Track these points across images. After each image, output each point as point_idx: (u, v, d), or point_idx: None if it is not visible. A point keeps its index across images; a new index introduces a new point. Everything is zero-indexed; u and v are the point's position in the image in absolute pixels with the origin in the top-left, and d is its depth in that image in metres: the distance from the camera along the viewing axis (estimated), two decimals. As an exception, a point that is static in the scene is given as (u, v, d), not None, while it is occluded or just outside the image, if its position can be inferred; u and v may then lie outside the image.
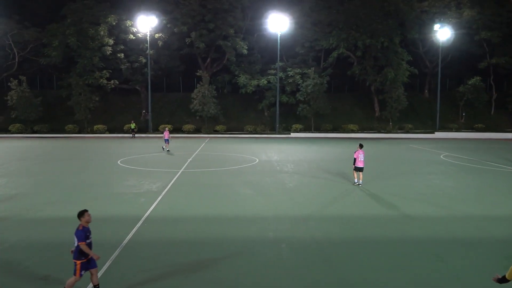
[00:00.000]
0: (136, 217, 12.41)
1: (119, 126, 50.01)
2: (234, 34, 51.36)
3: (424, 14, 52.97)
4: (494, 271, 8.65)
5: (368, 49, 51.69)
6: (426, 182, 18.74)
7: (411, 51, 54.35)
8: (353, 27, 51.83)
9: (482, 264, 9.03)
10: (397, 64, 50.58)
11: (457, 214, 13.22)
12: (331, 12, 52.85)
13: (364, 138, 46.08)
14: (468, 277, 8.44)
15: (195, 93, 49.48)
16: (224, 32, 50.36)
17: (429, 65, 57.24)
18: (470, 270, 8.79)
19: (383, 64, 51.62)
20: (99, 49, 48.73)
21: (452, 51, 54.29)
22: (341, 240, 10.65)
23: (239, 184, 17.89)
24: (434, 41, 52.56)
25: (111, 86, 50.74)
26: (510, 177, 20.32)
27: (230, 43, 50.79)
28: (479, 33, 51.46)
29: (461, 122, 53.60)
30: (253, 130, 49.76)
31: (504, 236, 10.99)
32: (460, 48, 53.84)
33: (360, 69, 52.73)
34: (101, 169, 22.36)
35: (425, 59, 57.11)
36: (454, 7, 52.76)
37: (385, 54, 51.21)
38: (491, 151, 32.66)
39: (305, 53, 54.52)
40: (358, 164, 17.28)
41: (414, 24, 52.34)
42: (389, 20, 50.80)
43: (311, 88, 49.02)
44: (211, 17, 50.04)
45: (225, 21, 50.33)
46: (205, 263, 9.02)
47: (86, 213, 7.44)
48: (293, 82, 51.21)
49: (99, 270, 8.50)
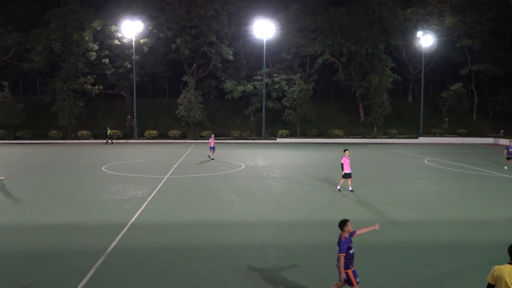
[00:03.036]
0: (121, 224, 12.28)
1: (104, 132, 49.50)
2: (220, 40, 51.42)
3: (408, 22, 53.83)
4: (477, 275, 8.79)
5: (353, 56, 52.27)
6: (410, 187, 18.95)
7: (395, 58, 55.14)
8: (338, 33, 52.37)
9: (466, 268, 9.16)
10: (381, 70, 51.24)
11: (441, 218, 13.39)
12: (316, 18, 53.35)
13: (349, 143, 46.44)
14: (453, 281, 8.54)
15: (181, 98, 49.30)
16: (209, 39, 50.38)
17: (412, 72, 58.10)
18: (454, 274, 8.90)
19: (367, 71, 52.22)
20: (83, 54, 48.28)
21: (435, 58, 55.24)
22: (328, 245, 10.68)
23: (225, 189, 17.85)
24: (417, 48, 53.41)
25: (96, 92, 50.27)
26: (493, 181, 20.68)
27: (215, 49, 50.81)
28: (460, 40, 52.48)
29: (444, 127, 54.44)
30: (239, 136, 49.74)
31: (487, 240, 11.16)
32: (443, 55, 54.82)
33: (345, 75, 53.25)
34: (85, 175, 22.09)
35: (409, 66, 57.96)
36: (436, 15, 53.73)
37: (370, 60, 51.84)
38: (474, 155, 33.21)
39: (291, 59, 54.87)
40: (346, 170, 17.26)
41: (398, 31, 53.14)
42: (374, 27, 51.47)
43: (297, 94, 49.31)
44: (196, 23, 50.05)
45: (210, 27, 50.38)
46: (191, 270, 8.96)
47: (348, 223, 6.96)
48: (279, 88, 51.44)
49: (83, 278, 8.38)
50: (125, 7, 50.80)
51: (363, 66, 52.54)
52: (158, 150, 37.47)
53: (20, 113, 47.83)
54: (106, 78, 50.69)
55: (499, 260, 9.66)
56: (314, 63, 54.47)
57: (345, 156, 17.29)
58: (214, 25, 50.49)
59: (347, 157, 17.29)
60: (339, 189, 17.73)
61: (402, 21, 53.29)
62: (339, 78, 53.81)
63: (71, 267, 9.09)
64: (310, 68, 55.76)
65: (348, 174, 17.32)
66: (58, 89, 47.85)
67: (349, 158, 17.38)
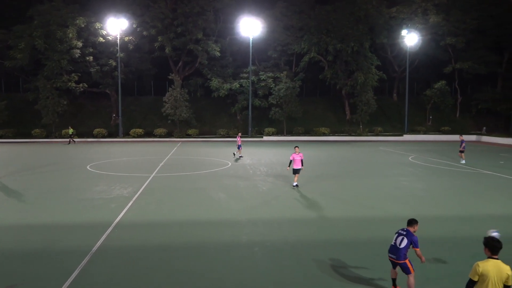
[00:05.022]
0: (106, 223, 12.17)
1: (88, 130, 48.95)
2: (206, 37, 51.22)
3: (393, 20, 54.28)
4: (461, 269, 8.95)
5: (338, 54, 52.55)
6: (396, 184, 19.17)
7: (380, 56, 55.59)
8: (324, 32, 52.57)
9: (450, 263, 9.31)
10: (367, 68, 51.62)
11: (425, 214, 13.57)
12: (302, 16, 53.48)
13: (335, 141, 46.77)
14: (437, 275, 8.68)
15: (167, 96, 48.98)
16: (195, 36, 50.14)
17: (397, 70, 58.66)
18: (439, 268, 9.04)
19: (353, 69, 52.56)
20: (67, 51, 47.60)
21: (419, 56, 55.84)
22: (315, 242, 10.75)
23: (212, 188, 17.81)
24: (402, 46, 53.92)
25: (80, 90, 49.63)
26: (476, 178, 21.03)
27: (201, 46, 50.60)
28: (444, 38, 53.12)
29: (428, 125, 55.12)
30: (225, 134, 49.65)
31: (470, 235, 11.36)
32: (427, 53, 55.44)
33: (331, 73, 53.51)
34: (70, 174, 21.82)
35: (394, 64, 58.50)
36: (420, 14, 54.29)
37: (355, 58, 52.17)
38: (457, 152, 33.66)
39: (277, 57, 54.95)
40: (295, 166, 17.58)
41: (383, 29, 53.56)
42: (359, 25, 51.80)
43: (283, 92, 49.40)
44: (182, 20, 49.75)
45: (196, 24, 50.13)
46: (178, 269, 8.93)
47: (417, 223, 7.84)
48: (265, 86, 51.47)
49: (67, 278, 8.29)
50: (110, 4, 50.21)
51: (349, 64, 52.86)
52: (143, 148, 37.20)
53: (2, 112, 46.93)
54: (91, 76, 50.06)
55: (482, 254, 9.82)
56: (300, 61, 54.62)
57: (295, 152, 17.57)
58: (200, 22, 50.26)
59: (297, 153, 17.54)
60: (296, 185, 17.96)
61: (387, 19, 53.73)
62: (325, 76, 54.05)
63: (56, 267, 8.99)
64: (297, 66, 55.90)
65: (295, 170, 17.62)
66: (42, 87, 47.10)
67: (300, 155, 17.57)
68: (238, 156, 29.55)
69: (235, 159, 28.67)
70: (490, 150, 37.11)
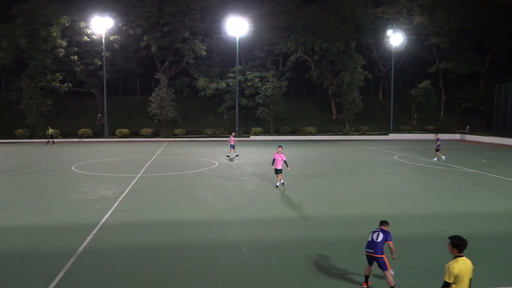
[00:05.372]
0: (92, 224, 12.05)
1: (73, 130, 48.35)
2: (193, 36, 51.00)
3: (378, 20, 54.74)
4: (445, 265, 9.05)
5: (325, 54, 52.80)
6: (382, 182, 19.35)
7: (366, 56, 56.02)
8: (310, 31, 52.79)
9: (435, 260, 9.43)
10: (352, 68, 51.97)
11: (411, 212, 13.75)
12: (289, 16, 53.60)
13: (322, 141, 47.01)
14: (423, 272, 8.79)
15: (153, 96, 48.64)
16: (182, 35, 49.89)
17: (383, 69, 59.18)
18: (425, 266, 9.15)
19: (339, 68, 52.86)
20: (51, 50, 46.94)
21: (404, 56, 56.42)
22: (302, 241, 10.80)
23: (199, 188, 17.76)
24: (387, 46, 54.43)
25: (65, 89, 49.00)
26: (460, 176, 21.34)
27: (188, 45, 50.39)
28: (428, 39, 53.78)
29: (413, 124, 55.73)
30: (212, 134, 49.52)
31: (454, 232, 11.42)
32: (412, 53, 56.05)
33: (317, 73, 53.73)
34: (55, 175, 21.54)
35: (379, 64, 59.00)
36: (405, 14, 54.86)
37: (341, 58, 52.49)
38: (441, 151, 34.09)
39: (264, 57, 54.98)
40: (276, 166, 17.54)
41: (369, 29, 53.98)
42: (345, 25, 52.11)
43: (270, 92, 49.46)
44: (168, 19, 49.44)
45: (182, 23, 49.89)
46: (165, 270, 8.88)
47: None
48: (252, 85, 51.47)
49: (52, 280, 8.19)
50: (95, 3, 49.65)
51: (335, 64, 53.15)
52: (130, 148, 36.90)
53: (-15, 112, 46.13)
54: (76, 76, 49.47)
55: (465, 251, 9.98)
56: (287, 61, 54.74)
57: (277, 152, 17.54)
58: (187, 21, 50.03)
59: (279, 153, 17.50)
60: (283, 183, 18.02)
61: (372, 19, 54.17)
62: (311, 76, 54.26)
63: (41, 269, 8.87)
64: (283, 65, 56.02)
65: (277, 170, 17.58)
66: (25, 87, 46.37)
67: (281, 155, 17.51)
68: (233, 156, 29.63)
69: (230, 158, 28.75)
70: (474, 148, 37.70)
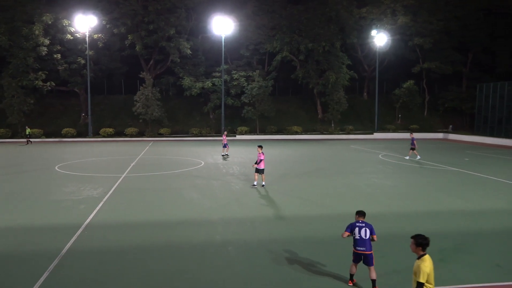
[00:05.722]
0: (76, 225, 11.90)
1: (57, 130, 47.64)
2: (178, 34, 50.71)
3: (363, 20, 55.21)
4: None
5: (310, 53, 53.02)
6: (366, 181, 19.52)
7: (351, 56, 56.42)
8: (296, 31, 52.97)
9: (418, 258, 9.55)
10: (338, 68, 52.32)
11: (395, 210, 13.92)
12: (274, 16, 53.68)
13: (308, 140, 47.23)
14: (406, 270, 8.89)
15: (138, 95, 48.20)
16: (167, 33, 49.57)
17: (367, 69, 59.71)
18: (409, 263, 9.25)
19: (325, 68, 53.14)
20: (33, 49, 46.12)
21: (389, 56, 56.99)
22: (288, 240, 10.83)
23: (184, 187, 17.68)
24: (371, 46, 54.92)
25: (48, 88, 48.23)
26: (443, 174, 21.66)
27: (174, 43, 50.08)
28: (412, 39, 54.44)
29: (397, 123, 56.34)
30: (198, 133, 49.33)
31: (438, 230, 11.71)
32: (396, 53, 56.68)
33: (303, 73, 53.93)
34: (37, 175, 21.20)
35: (364, 63, 59.51)
36: (389, 14, 55.42)
37: (327, 58, 52.79)
38: (425, 150, 34.61)
39: (250, 56, 54.97)
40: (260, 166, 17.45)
41: (353, 29, 54.39)
42: (330, 25, 52.41)
43: (256, 91, 49.48)
44: (153, 18, 49.05)
45: (168, 22, 49.58)
46: (151, 270, 8.82)
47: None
48: (238, 85, 51.42)
49: (36, 281, 8.06)
50: (78, 0, 48.95)
51: (320, 63, 53.42)
52: (114, 148, 36.52)
53: (-36, 111, 45.14)
54: (59, 74, 48.73)
55: (449, 249, 10.18)
56: (272, 60, 54.82)
57: (259, 152, 17.50)
58: (172, 19, 49.72)
59: (259, 153, 17.49)
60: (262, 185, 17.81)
61: (357, 19, 54.61)
62: (297, 76, 54.44)
63: (23, 270, 8.73)
64: (269, 65, 56.08)
65: (259, 170, 17.53)
66: (6, 86, 45.50)
67: (261, 154, 17.50)
68: (225, 154, 29.65)
69: (223, 157, 28.77)
70: (456, 147, 38.30)
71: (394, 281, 8.30)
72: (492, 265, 9.20)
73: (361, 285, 8.14)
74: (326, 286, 8.14)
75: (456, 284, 8.19)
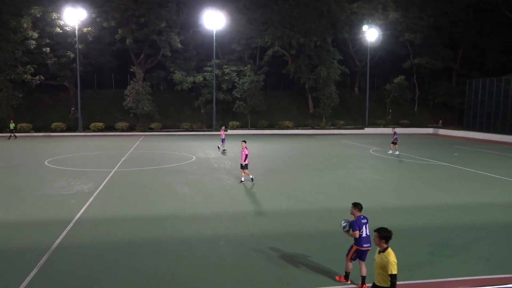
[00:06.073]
0: (66, 220, 11.82)
1: (46, 124, 47.15)
2: (169, 28, 50.36)
3: (354, 15, 55.32)
4: (419, 257, 9.32)
5: (302, 48, 53.02)
6: (357, 176, 19.64)
7: (342, 51, 56.55)
8: (287, 26, 52.90)
9: (408, 252, 9.66)
10: (329, 63, 52.41)
11: (385, 205, 14.02)
12: (266, 10, 53.52)
13: (299, 135, 47.32)
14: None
15: (129, 89, 47.85)
16: (158, 27, 49.20)
17: (358, 64, 59.89)
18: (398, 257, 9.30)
19: (316, 63, 53.21)
20: (22, 42, 45.50)
21: (380, 51, 57.22)
22: (279, 235, 10.87)
23: (176, 182, 17.63)
24: (363, 41, 55.07)
25: (37, 82, 47.66)
26: (432, 169, 21.86)
27: (164, 37, 49.73)
28: (403, 34, 54.73)
29: (388, 118, 56.70)
30: (189, 128, 49.16)
31: (427, 224, 11.84)
32: (387, 49, 56.93)
33: (294, 68, 53.95)
34: (27, 170, 20.98)
35: (355, 59, 59.68)
36: (381, 10, 55.57)
37: (318, 53, 52.84)
38: (415, 145, 34.91)
39: (241, 51, 54.80)
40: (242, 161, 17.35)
41: (345, 24, 54.49)
42: (322, 20, 52.43)
43: (247, 86, 49.38)
44: (144, 11, 48.63)
45: (158, 16, 49.20)
46: (142, 265, 8.80)
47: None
48: (229, 79, 51.27)
49: (25, 277, 8.01)
50: (67, -7, 48.32)
51: (312, 58, 53.46)
52: (105, 143, 36.26)
53: (-49, 105, 44.40)
54: (48, 68, 48.18)
55: (438, 243, 10.29)
56: (264, 55, 54.76)
57: (243, 147, 17.46)
58: (163, 13, 49.35)
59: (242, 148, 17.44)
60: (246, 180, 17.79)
61: (348, 15, 54.69)
62: (289, 70, 54.45)
63: (13, 266, 8.66)
64: (260, 59, 56.01)
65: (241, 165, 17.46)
66: (-6, 79, 44.92)
67: (245, 149, 17.44)
68: (222, 150, 29.75)
69: (220, 152, 28.87)
70: (446, 142, 38.65)
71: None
72: (481, 259, 9.32)
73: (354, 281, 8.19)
74: (319, 281, 8.19)
75: (445, 278, 8.29)
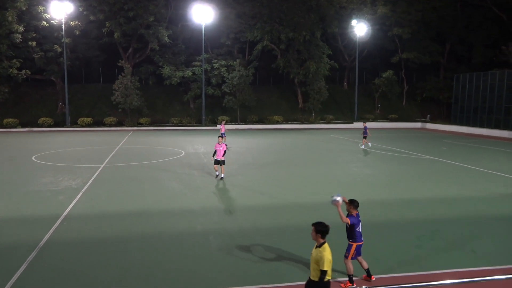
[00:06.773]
0: (54, 216, 11.72)
1: (33, 119, 46.56)
2: (157, 22, 49.92)
3: (343, 10, 55.41)
4: (408, 250, 9.44)
5: (291, 43, 52.99)
6: (346, 170, 19.77)
7: (331, 45, 56.65)
8: (276, 20, 52.80)
9: (397, 245, 9.78)
10: (318, 57, 52.48)
11: (374, 199, 14.15)
12: (255, 4, 53.32)
13: (288, 129, 47.43)
14: (385, 256, 9.10)
15: (117, 84, 47.41)
16: (146, 21, 48.73)
17: (347, 59, 60.10)
18: (387, 250, 9.47)
19: (305, 58, 53.24)
20: (7, 36, 44.75)
21: (368, 46, 57.43)
22: (269, 229, 10.92)
23: (165, 177, 17.57)
24: (352, 36, 55.23)
25: (23, 77, 46.96)
26: (420, 163, 22.10)
27: (152, 31, 49.30)
28: (391, 29, 55.00)
29: (376, 112, 57.07)
30: (178, 123, 48.94)
31: (415, 218, 11.98)
32: (375, 43, 57.17)
33: (284, 62, 53.92)
34: (14, 166, 20.73)
35: (344, 53, 59.87)
36: (369, 4, 55.77)
37: (307, 47, 52.87)
38: (404, 139, 35.23)
39: (231, 45, 54.59)
40: (218, 157, 17.20)
41: (334, 19, 54.57)
42: (311, 15, 52.41)
43: (236, 80, 49.25)
44: (132, 5, 48.12)
45: (146, 9, 48.73)
46: (132, 261, 8.78)
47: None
48: (218, 74, 51.07)
49: (13, 274, 7.94)
50: (53, -14, 47.58)
51: (301, 53, 53.48)
52: (93, 138, 35.94)
53: None
54: (34, 63, 47.49)
55: (426, 235, 10.43)
56: (253, 49, 54.61)
57: (218, 143, 17.35)
58: (151, 7, 48.88)
59: (220, 144, 17.30)
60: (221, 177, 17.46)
61: (337, 9, 54.76)
62: (278, 65, 54.41)
63: (1, 263, 8.57)
64: (250, 54, 55.87)
65: (217, 161, 17.31)
66: (-21, 74, 44.19)
67: (222, 146, 17.31)
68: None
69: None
70: (434, 136, 39.05)
71: (377, 270, 8.39)
72: (467, 251, 9.47)
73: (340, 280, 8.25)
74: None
75: (432, 270, 8.41)
